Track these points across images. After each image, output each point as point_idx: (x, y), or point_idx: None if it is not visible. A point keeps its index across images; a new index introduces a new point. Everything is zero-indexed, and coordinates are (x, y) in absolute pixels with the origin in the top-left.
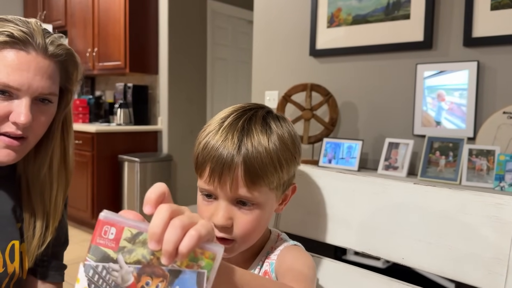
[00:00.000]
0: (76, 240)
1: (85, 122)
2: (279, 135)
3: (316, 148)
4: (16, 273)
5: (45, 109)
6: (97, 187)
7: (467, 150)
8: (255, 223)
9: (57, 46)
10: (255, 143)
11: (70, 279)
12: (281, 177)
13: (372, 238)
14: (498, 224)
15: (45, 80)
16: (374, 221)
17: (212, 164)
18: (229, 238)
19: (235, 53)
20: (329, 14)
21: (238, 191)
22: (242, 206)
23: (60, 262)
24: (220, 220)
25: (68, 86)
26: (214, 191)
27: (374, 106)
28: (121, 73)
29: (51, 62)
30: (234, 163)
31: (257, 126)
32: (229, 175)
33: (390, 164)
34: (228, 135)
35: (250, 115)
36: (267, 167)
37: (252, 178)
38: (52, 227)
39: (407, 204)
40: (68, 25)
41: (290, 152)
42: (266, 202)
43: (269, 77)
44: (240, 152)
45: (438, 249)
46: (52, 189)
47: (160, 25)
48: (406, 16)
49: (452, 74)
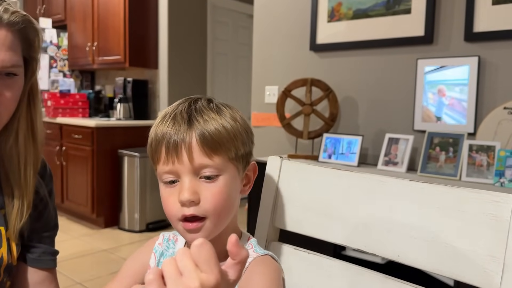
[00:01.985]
0: (76, 234)
1: (84, 116)
2: (231, 114)
3: (316, 143)
4: (4, 259)
5: (11, 83)
6: (97, 181)
7: (467, 145)
8: (223, 194)
9: (11, 14)
10: (205, 117)
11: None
12: (237, 147)
13: (367, 235)
14: (495, 222)
15: (5, 52)
16: (370, 218)
17: (166, 142)
18: (200, 216)
19: (235, 48)
20: (330, 9)
21: (196, 160)
22: (206, 180)
23: (51, 248)
24: (186, 195)
25: (31, 54)
26: (173, 169)
27: (374, 101)
28: (121, 68)
29: (8, 32)
30: (188, 135)
31: (204, 105)
32: (184, 146)
33: (390, 159)
34: (177, 115)
35: (195, 99)
36: (221, 134)
37: (209, 144)
38: (27, 200)
39: (403, 201)
40: (68, 19)
41: (243, 128)
42: (227, 172)
43: (269, 72)
44: (191, 125)
45: (434, 246)
46: (20, 161)
47: (160, 19)
48: (407, 10)
49: (453, 69)
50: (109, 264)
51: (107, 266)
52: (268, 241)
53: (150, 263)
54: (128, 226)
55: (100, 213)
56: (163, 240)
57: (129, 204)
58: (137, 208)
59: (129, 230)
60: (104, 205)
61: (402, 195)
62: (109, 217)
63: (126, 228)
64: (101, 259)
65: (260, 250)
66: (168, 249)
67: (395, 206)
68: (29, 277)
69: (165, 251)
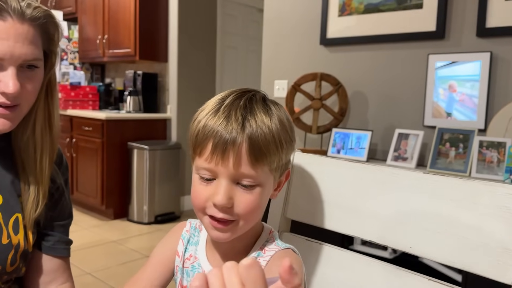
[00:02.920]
0: (85, 225)
1: (95, 109)
2: (279, 116)
3: (325, 138)
4: (21, 245)
5: (32, 75)
6: (106, 173)
7: (477, 142)
8: (256, 202)
9: (34, 9)
10: (258, 121)
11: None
12: (280, 158)
13: (380, 227)
14: (508, 215)
15: (27, 46)
16: (382, 210)
17: (215, 140)
18: (230, 219)
19: (244, 42)
20: (341, 3)
21: (241, 168)
22: (243, 187)
23: (65, 237)
24: (221, 199)
25: (51, 48)
26: (215, 168)
27: (384, 97)
28: (131, 61)
29: (30, 27)
30: (239, 139)
31: (259, 106)
32: (232, 151)
33: (399, 155)
34: (231, 112)
35: (250, 96)
36: (270, 145)
37: (256, 155)
38: (42, 189)
39: (415, 193)
40: (79, 12)
41: (288, 135)
42: (266, 183)
43: (278, 66)
44: (244, 129)
45: (446, 238)
46: (36, 151)
47: (170, 12)
48: (419, 5)
49: (464, 64)
50: (118, 255)
51: (116, 257)
52: (280, 232)
53: (178, 249)
54: (137, 218)
55: (109, 205)
56: (190, 227)
57: (138, 196)
58: (146, 200)
59: (137, 222)
60: (113, 197)
61: (415, 187)
62: (118, 208)
63: (135, 220)
64: (110, 250)
65: (281, 244)
66: (194, 237)
67: (407, 198)
68: (43, 264)
69: (191, 239)
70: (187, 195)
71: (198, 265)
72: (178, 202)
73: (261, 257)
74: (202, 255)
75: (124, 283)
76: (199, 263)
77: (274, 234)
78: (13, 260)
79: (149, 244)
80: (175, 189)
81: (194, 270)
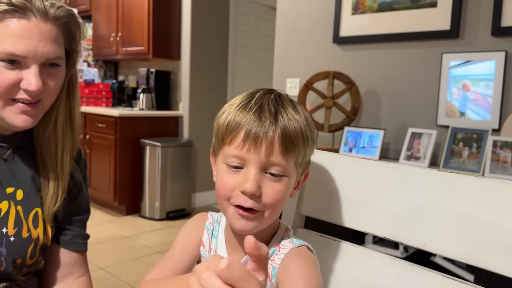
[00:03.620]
0: (98, 221)
1: (108, 106)
2: (305, 115)
3: (336, 136)
4: (40, 238)
5: (54, 72)
6: (119, 170)
7: (491, 141)
8: (283, 192)
9: (57, 9)
10: (289, 114)
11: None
12: (306, 153)
13: (394, 224)
14: None
15: (50, 45)
16: (397, 207)
17: (248, 127)
18: (257, 209)
19: (257, 40)
20: (354, 1)
21: (272, 156)
22: (271, 176)
23: (83, 231)
24: (251, 186)
25: (73, 47)
26: (245, 155)
27: (397, 95)
28: (144, 58)
29: (53, 26)
30: (272, 127)
31: (288, 102)
32: (265, 138)
33: (412, 154)
34: (264, 103)
35: (278, 93)
36: (299, 138)
37: (287, 145)
38: (62, 185)
39: (430, 191)
40: (93, 9)
41: (312, 133)
42: (292, 176)
43: (291, 64)
44: (277, 119)
45: (460, 235)
46: (57, 148)
47: (183, 10)
48: (433, 4)
49: (479, 64)
50: (130, 250)
51: (128, 252)
52: (294, 228)
53: (203, 240)
54: (148, 214)
55: (122, 201)
56: (213, 220)
57: (150, 192)
58: (158, 197)
59: (149, 218)
60: (126, 193)
61: (429, 185)
62: (130, 205)
63: (147, 216)
64: (122, 245)
65: (296, 241)
66: (215, 230)
67: (422, 196)
68: (61, 258)
69: (214, 231)
70: (198, 192)
71: None
72: (189, 199)
73: (276, 255)
74: (222, 248)
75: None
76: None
77: (289, 231)
78: (32, 253)
79: (160, 240)
80: (186, 186)
81: None
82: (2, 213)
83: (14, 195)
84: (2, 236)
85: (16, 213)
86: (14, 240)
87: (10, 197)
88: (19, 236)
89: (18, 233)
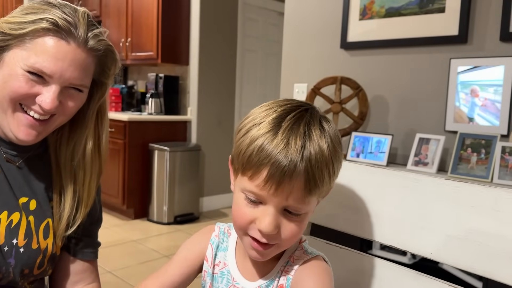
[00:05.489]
0: (106, 225)
1: (117, 110)
2: (331, 136)
3: (344, 141)
4: (49, 249)
5: (75, 94)
6: (128, 174)
7: (500, 147)
8: (300, 230)
9: (98, 41)
10: (316, 149)
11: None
12: (330, 186)
13: (401, 232)
14: None
15: (78, 72)
16: (404, 215)
17: (272, 169)
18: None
19: (265, 45)
20: (362, 6)
21: (293, 200)
22: (289, 214)
23: (94, 240)
24: (269, 228)
25: (102, 79)
26: (266, 197)
27: (405, 101)
28: (153, 64)
29: (88, 56)
30: (297, 172)
31: (316, 129)
32: (289, 184)
33: (420, 160)
34: (291, 139)
35: (309, 118)
36: (324, 177)
37: (311, 189)
38: (83, 212)
39: (437, 199)
40: (103, 15)
41: (339, 155)
42: (312, 210)
43: (298, 69)
44: (303, 160)
45: (467, 244)
46: (85, 176)
47: (192, 16)
48: (441, 9)
49: (487, 69)
50: (138, 254)
51: (136, 256)
52: None
53: (207, 254)
54: (156, 218)
55: (130, 205)
56: (219, 232)
57: (158, 196)
58: (166, 201)
59: (157, 222)
60: (134, 197)
61: (436, 193)
62: (138, 209)
63: (155, 220)
64: (130, 249)
65: (310, 251)
66: (223, 242)
67: (429, 204)
68: (71, 267)
69: (221, 244)
70: (206, 196)
71: (228, 272)
72: (197, 203)
73: (289, 266)
74: (232, 261)
75: None
76: (228, 269)
77: (304, 243)
78: (40, 264)
79: (168, 244)
80: (194, 190)
81: (223, 276)
82: (13, 224)
83: (27, 205)
84: (12, 247)
85: (27, 224)
86: (23, 251)
87: (22, 207)
88: (29, 248)
89: (28, 244)
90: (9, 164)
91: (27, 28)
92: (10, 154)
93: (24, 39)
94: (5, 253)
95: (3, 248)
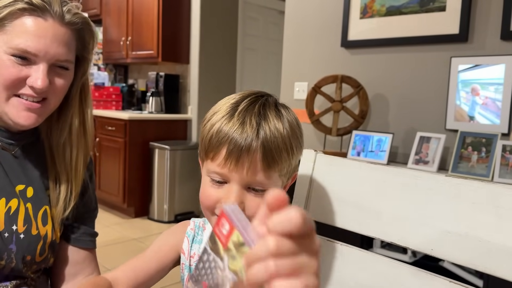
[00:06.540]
0: (107, 223)
1: (118, 109)
2: (290, 121)
3: (344, 140)
4: (48, 236)
5: (62, 73)
6: (128, 172)
7: (500, 146)
8: None
9: (73, 15)
10: (272, 127)
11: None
12: (290, 164)
13: (401, 229)
14: None
15: (62, 47)
16: (404, 212)
17: (230, 146)
18: None
19: (265, 44)
20: (362, 5)
21: (254, 175)
22: (253, 191)
23: (91, 229)
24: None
25: (84, 54)
26: (227, 174)
27: (405, 99)
28: (153, 62)
29: (67, 30)
30: (253, 147)
31: (271, 111)
32: (247, 158)
33: (420, 158)
34: (246, 118)
35: (264, 101)
36: (282, 152)
37: (269, 162)
38: (75, 191)
39: (437, 196)
40: (103, 14)
41: (298, 141)
42: (275, 186)
43: (299, 68)
44: (258, 136)
45: (468, 241)
46: (72, 154)
47: (192, 15)
48: (442, 8)
49: (488, 68)
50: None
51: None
52: None
53: (183, 247)
54: (157, 217)
55: (130, 203)
56: (195, 226)
57: (158, 195)
58: (166, 199)
59: (158, 221)
60: (134, 196)
61: (437, 190)
62: (139, 207)
63: (155, 219)
64: (131, 247)
65: None
66: (197, 236)
67: (429, 201)
68: (70, 256)
69: (196, 237)
70: None
71: None
72: (197, 202)
73: None
74: None
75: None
76: None
77: None
78: (42, 250)
79: None
80: (194, 188)
81: None
82: (12, 211)
83: (24, 193)
84: (12, 233)
85: (25, 210)
86: (23, 237)
87: (20, 194)
88: (29, 234)
89: (27, 230)
90: (5, 152)
91: (4, 11)
92: (5, 142)
93: (4, 23)
94: (6, 239)
95: (3, 234)
